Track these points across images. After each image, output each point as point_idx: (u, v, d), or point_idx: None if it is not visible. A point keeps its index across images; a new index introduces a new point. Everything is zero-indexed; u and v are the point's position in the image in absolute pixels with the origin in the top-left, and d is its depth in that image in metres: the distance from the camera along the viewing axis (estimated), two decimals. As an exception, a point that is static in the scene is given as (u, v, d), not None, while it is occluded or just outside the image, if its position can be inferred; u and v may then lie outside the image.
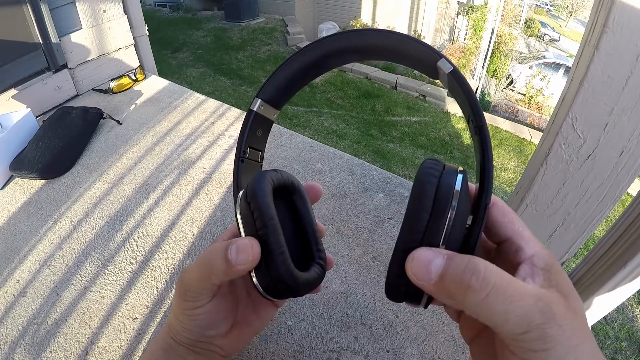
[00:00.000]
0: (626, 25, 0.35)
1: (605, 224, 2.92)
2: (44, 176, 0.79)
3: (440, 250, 0.21)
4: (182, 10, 8.26)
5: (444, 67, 0.24)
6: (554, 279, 0.21)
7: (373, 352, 0.49)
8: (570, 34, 13.94)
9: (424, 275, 0.21)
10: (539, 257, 0.22)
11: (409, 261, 0.21)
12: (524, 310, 0.19)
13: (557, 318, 0.19)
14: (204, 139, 0.92)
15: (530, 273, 0.21)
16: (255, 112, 0.29)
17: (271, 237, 0.25)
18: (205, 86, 5.48)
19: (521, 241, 0.23)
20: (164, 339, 0.30)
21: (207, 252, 0.26)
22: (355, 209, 0.71)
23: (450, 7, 7.18)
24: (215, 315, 0.29)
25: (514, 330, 0.19)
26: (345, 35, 0.27)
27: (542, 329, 0.18)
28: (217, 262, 0.25)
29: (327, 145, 0.90)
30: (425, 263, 0.21)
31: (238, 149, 0.29)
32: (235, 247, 0.24)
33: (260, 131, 0.31)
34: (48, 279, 0.59)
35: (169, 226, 0.68)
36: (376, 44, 0.26)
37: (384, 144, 4.74)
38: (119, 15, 1.16)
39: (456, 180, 0.22)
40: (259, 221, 0.25)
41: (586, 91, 0.40)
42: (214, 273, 0.26)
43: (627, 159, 0.42)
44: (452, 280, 0.20)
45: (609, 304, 0.58)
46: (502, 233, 0.23)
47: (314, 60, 0.28)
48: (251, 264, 0.25)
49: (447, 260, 0.20)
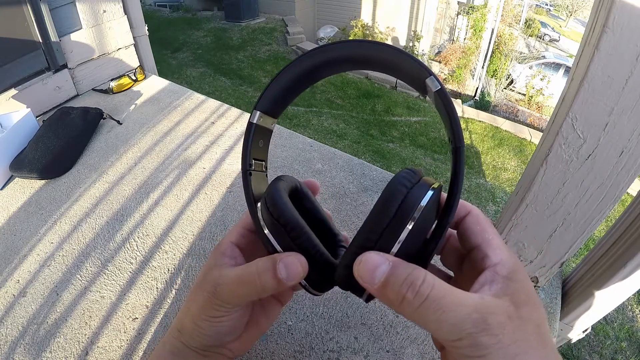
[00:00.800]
0: (626, 25, 0.35)
1: (605, 224, 2.92)
2: (44, 176, 0.79)
3: (388, 256, 0.22)
4: (182, 10, 8.26)
5: (432, 84, 0.25)
6: (512, 287, 0.22)
7: (373, 352, 0.49)
8: (570, 34, 13.94)
9: (368, 279, 0.22)
10: (503, 265, 0.23)
11: (357, 263, 0.23)
12: (455, 320, 0.20)
13: (491, 328, 0.20)
14: (204, 139, 0.92)
15: (490, 280, 0.22)
16: (256, 125, 0.30)
17: (308, 244, 0.27)
18: (205, 86, 5.48)
19: (488, 249, 0.24)
20: (171, 343, 0.30)
21: (252, 270, 0.27)
22: (355, 209, 0.71)
23: (450, 7, 7.18)
24: (238, 322, 0.29)
25: (447, 337, 0.20)
26: (340, 46, 0.28)
27: (474, 337, 0.20)
28: (268, 282, 0.25)
29: (327, 145, 0.90)
30: (372, 268, 0.22)
31: (244, 163, 0.30)
32: (283, 265, 0.25)
33: (261, 142, 0.32)
34: (48, 279, 0.59)
35: (169, 226, 0.68)
36: (370, 55, 0.27)
37: (384, 144, 4.74)
38: (119, 15, 1.16)
39: (425, 196, 0.23)
40: (293, 233, 0.26)
41: (586, 91, 0.40)
42: (264, 291, 0.26)
43: (627, 159, 0.42)
44: (391, 289, 0.21)
45: (609, 304, 0.58)
46: (472, 240, 0.25)
47: (309, 70, 0.29)
48: (300, 278, 0.26)
49: (391, 269, 0.22)
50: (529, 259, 0.57)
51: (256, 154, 0.31)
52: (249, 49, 6.70)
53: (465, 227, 0.25)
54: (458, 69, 6.85)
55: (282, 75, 0.29)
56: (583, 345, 2.60)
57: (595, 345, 2.65)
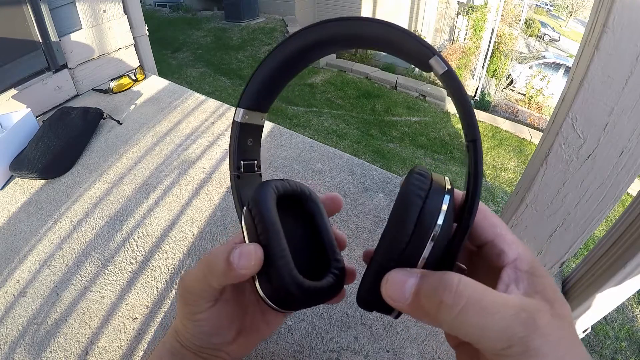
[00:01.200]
0: (626, 25, 0.35)
1: (605, 224, 2.91)
2: (44, 176, 0.79)
3: (414, 270, 0.21)
4: (182, 10, 8.26)
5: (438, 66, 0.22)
6: (538, 283, 0.20)
7: (373, 352, 0.49)
8: (570, 34, 13.93)
9: (399, 297, 0.20)
10: (523, 260, 0.21)
11: (384, 283, 0.21)
12: (503, 324, 0.18)
13: (541, 328, 0.18)
14: (204, 139, 0.91)
15: (514, 277, 0.21)
16: (240, 123, 0.28)
17: (273, 242, 0.24)
18: (205, 86, 5.48)
19: (503, 244, 0.22)
20: (170, 342, 0.30)
21: (209, 254, 0.26)
22: (355, 209, 0.71)
23: (450, 7, 7.17)
24: (219, 322, 0.28)
25: (495, 346, 0.18)
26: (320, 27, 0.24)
27: (525, 341, 0.17)
28: (218, 264, 0.25)
29: (327, 145, 0.90)
30: (400, 285, 0.20)
31: (231, 166, 0.28)
32: (238, 251, 0.24)
33: (250, 140, 0.29)
34: (48, 279, 0.59)
35: (169, 226, 0.68)
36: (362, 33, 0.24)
37: (384, 144, 4.74)
38: (119, 15, 1.16)
39: (442, 203, 0.21)
40: (259, 226, 0.24)
41: (586, 91, 0.40)
42: (214, 274, 0.25)
43: (627, 159, 0.42)
44: (425, 298, 0.20)
45: (609, 304, 0.58)
46: (483, 236, 0.23)
47: (291, 54, 0.26)
48: (253, 268, 0.24)
49: (420, 279, 0.20)
50: (529, 259, 0.57)
51: (245, 154, 0.29)
52: (249, 49, 6.70)
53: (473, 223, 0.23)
54: (458, 69, 6.84)
55: (262, 67, 0.27)
56: (583, 345, 2.60)
57: (595, 345, 2.65)
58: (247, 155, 0.29)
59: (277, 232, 0.24)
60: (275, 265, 0.24)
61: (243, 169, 0.29)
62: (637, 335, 2.78)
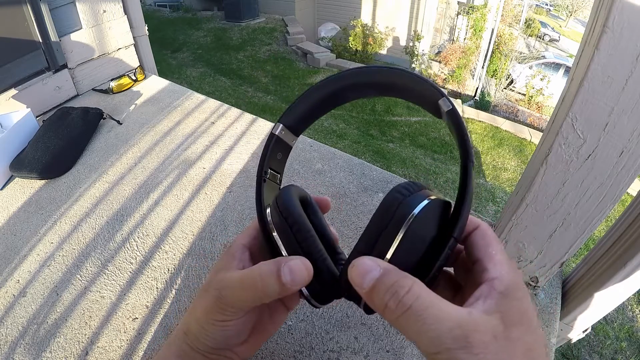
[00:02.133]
0: (626, 25, 0.35)
1: (605, 224, 2.91)
2: (44, 176, 0.79)
3: (380, 262, 0.23)
4: (182, 10, 8.26)
5: (444, 105, 0.26)
6: (506, 304, 0.21)
7: (373, 352, 0.49)
8: (570, 34, 13.94)
9: (359, 282, 0.23)
10: (500, 281, 0.23)
11: (351, 267, 0.23)
12: (436, 334, 0.20)
13: (471, 346, 0.19)
14: (204, 139, 0.92)
15: (485, 294, 0.22)
16: (277, 136, 0.31)
17: (313, 248, 0.27)
18: (205, 86, 5.48)
19: (489, 263, 0.24)
20: (178, 345, 0.30)
21: (255, 274, 0.26)
22: (355, 209, 0.71)
23: (450, 7, 7.18)
24: (244, 326, 0.29)
25: (427, 348, 0.20)
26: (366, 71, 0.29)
27: (452, 352, 0.19)
28: (271, 286, 0.25)
29: (327, 145, 0.90)
30: (363, 272, 0.22)
31: (260, 170, 0.30)
32: (288, 269, 0.25)
33: (280, 154, 0.32)
34: (48, 279, 0.59)
35: (169, 226, 0.68)
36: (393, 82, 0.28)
37: (384, 144, 4.74)
38: (119, 15, 1.16)
39: (419, 204, 0.23)
40: (299, 235, 0.26)
41: (586, 91, 0.40)
42: (267, 295, 0.26)
43: (627, 159, 0.42)
44: (376, 295, 0.22)
45: (609, 304, 0.58)
46: (475, 254, 0.25)
47: (334, 93, 0.30)
48: (306, 283, 0.26)
49: (381, 275, 0.22)
50: (529, 259, 0.57)
51: (273, 164, 0.31)
52: (249, 49, 6.70)
53: (471, 241, 0.26)
54: (458, 69, 6.85)
55: (309, 94, 0.30)
56: (583, 345, 2.60)
57: (595, 345, 2.65)
58: (275, 166, 0.32)
59: (315, 239, 0.27)
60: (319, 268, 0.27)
61: (269, 175, 0.31)
62: (637, 335, 2.78)
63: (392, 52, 7.49)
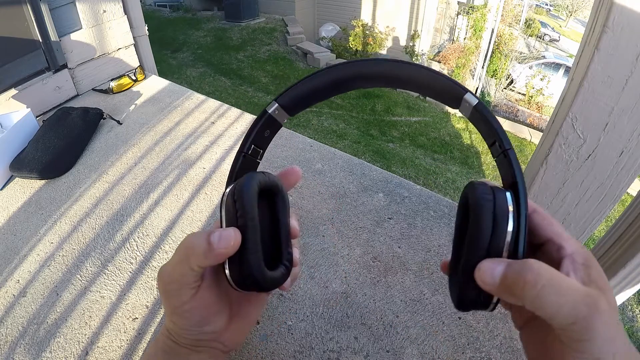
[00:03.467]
0: (626, 25, 0.35)
1: (605, 224, 2.91)
2: (44, 176, 0.79)
3: (501, 259, 0.25)
4: (182, 10, 8.26)
5: (471, 100, 0.27)
6: (593, 274, 0.24)
7: (373, 352, 0.49)
8: (570, 34, 13.94)
9: (489, 280, 0.24)
10: (579, 254, 0.25)
11: (477, 271, 0.25)
12: (573, 303, 0.21)
13: (600, 311, 0.21)
14: (204, 139, 0.92)
15: (572, 268, 0.24)
16: (269, 115, 0.31)
17: (249, 235, 0.27)
18: (205, 86, 5.48)
19: (562, 241, 0.26)
20: (163, 341, 0.30)
21: (187, 239, 0.27)
22: (355, 209, 0.71)
23: (450, 7, 7.18)
24: (206, 310, 0.29)
25: (565, 320, 0.21)
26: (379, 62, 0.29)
27: (587, 320, 0.21)
28: (199, 245, 0.26)
29: (327, 145, 0.90)
30: (490, 271, 0.24)
31: (243, 145, 0.31)
32: (218, 234, 0.26)
33: (268, 132, 0.32)
34: (48, 279, 0.59)
35: (169, 226, 0.68)
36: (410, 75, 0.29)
37: (384, 144, 4.74)
38: (119, 15, 1.16)
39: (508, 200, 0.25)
40: (241, 219, 0.27)
41: (586, 91, 0.40)
42: (194, 255, 0.26)
43: (627, 159, 0.42)
44: (512, 279, 0.23)
45: (609, 304, 0.58)
46: (544, 235, 0.27)
47: (341, 79, 0.30)
48: (231, 249, 0.26)
49: (507, 266, 0.24)
50: (529, 259, 0.57)
51: (258, 140, 0.31)
52: (249, 49, 6.70)
53: (534, 223, 0.27)
54: (457, 69, 6.85)
55: (314, 77, 0.30)
56: (583, 345, 2.60)
57: (595, 345, 2.64)
58: (259, 142, 0.32)
59: (255, 226, 0.27)
60: (247, 256, 0.27)
61: (251, 151, 0.31)
62: (637, 335, 2.78)
63: (392, 52, 7.49)
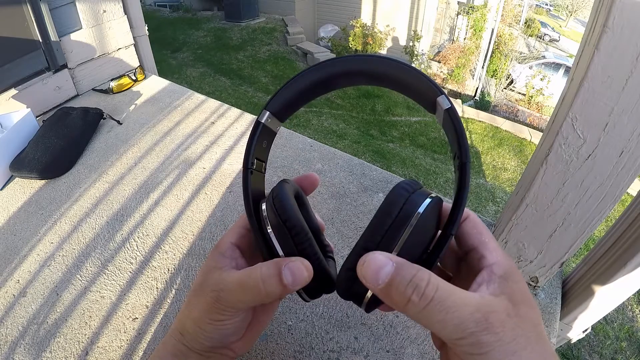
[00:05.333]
0: (626, 25, 0.35)
1: (605, 224, 2.92)
2: (44, 176, 0.79)
3: (392, 256, 0.23)
4: (182, 10, 8.25)
5: (443, 103, 0.26)
6: (508, 286, 0.23)
7: (373, 352, 0.49)
8: (570, 34, 13.94)
9: (372, 279, 0.22)
10: (499, 266, 0.24)
11: (361, 263, 0.23)
12: (459, 320, 0.21)
13: (492, 326, 0.20)
14: (204, 139, 0.92)
15: (487, 279, 0.23)
16: (263, 124, 0.30)
17: (310, 250, 0.27)
18: (205, 86, 5.48)
19: (485, 250, 0.25)
20: (173, 344, 0.29)
21: (256, 276, 0.26)
22: (355, 209, 0.71)
23: (450, 7, 7.17)
24: (242, 324, 0.29)
25: (451, 335, 0.21)
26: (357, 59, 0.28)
27: (476, 335, 0.20)
28: (273, 287, 0.25)
29: (327, 145, 0.90)
30: (376, 268, 0.22)
31: (246, 161, 0.30)
32: (289, 271, 0.25)
33: (265, 142, 0.31)
34: (48, 279, 0.59)
35: (169, 226, 0.68)
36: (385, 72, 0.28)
37: (384, 144, 4.74)
38: (119, 15, 1.16)
39: (423, 202, 0.24)
40: (297, 238, 0.27)
41: (586, 91, 0.40)
42: (268, 297, 0.26)
43: (627, 159, 0.42)
44: (396, 290, 0.22)
45: (609, 304, 0.58)
46: (469, 243, 0.26)
47: (323, 79, 0.29)
48: (306, 283, 0.26)
49: (396, 269, 0.22)
50: (529, 259, 0.57)
51: (259, 153, 0.31)
52: (249, 49, 6.69)
53: (463, 230, 0.26)
54: (457, 69, 6.85)
55: (296, 81, 0.29)
56: (583, 345, 2.60)
57: (595, 345, 2.65)
58: (260, 155, 0.31)
59: (312, 242, 0.27)
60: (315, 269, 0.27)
61: (255, 166, 0.31)
62: (637, 335, 2.78)
63: (391, 52, 7.49)
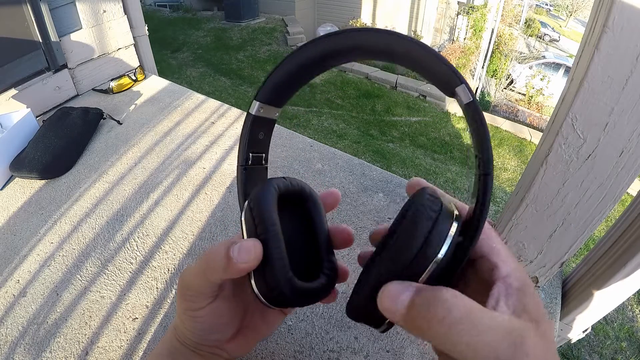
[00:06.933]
0: (626, 25, 0.35)
1: (605, 224, 2.91)
2: (44, 176, 0.79)
3: (410, 283, 0.21)
4: (182, 10, 8.25)
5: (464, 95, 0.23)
6: (527, 302, 0.21)
7: (373, 352, 0.49)
8: (570, 34, 13.94)
9: (392, 308, 0.21)
10: (514, 277, 0.22)
11: (381, 294, 0.21)
12: (492, 344, 0.18)
13: (526, 350, 0.18)
14: (204, 139, 0.91)
15: (504, 293, 0.21)
16: (255, 116, 0.28)
17: (271, 243, 0.25)
18: (205, 86, 5.48)
19: (497, 259, 0.22)
20: (169, 340, 0.30)
21: (209, 250, 0.26)
22: (355, 209, 0.71)
23: (450, 7, 7.17)
24: (218, 319, 0.28)
25: None
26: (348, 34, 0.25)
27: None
28: (218, 259, 0.25)
29: (327, 145, 0.90)
30: (395, 296, 0.21)
31: (240, 157, 0.29)
32: (237, 246, 0.24)
33: (262, 134, 0.29)
34: (48, 279, 0.59)
35: (169, 226, 0.68)
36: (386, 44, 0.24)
37: (384, 144, 4.73)
38: (119, 15, 1.16)
39: (449, 229, 0.21)
40: (260, 227, 0.25)
41: (586, 91, 0.40)
42: (213, 269, 0.25)
43: (627, 159, 0.42)
44: (418, 311, 0.20)
45: (609, 304, 0.58)
46: (479, 249, 0.23)
47: (314, 58, 0.26)
48: (252, 262, 0.24)
49: (415, 292, 0.20)
50: (529, 259, 0.57)
51: (254, 146, 0.29)
52: (249, 49, 6.69)
53: None
54: (457, 69, 6.83)
55: (285, 62, 0.27)
56: (583, 345, 2.60)
57: (595, 345, 2.64)
58: (257, 148, 0.29)
59: (276, 232, 0.25)
60: (271, 264, 0.24)
61: (251, 161, 0.29)
62: (637, 335, 2.78)
63: (392, 52, 7.48)
